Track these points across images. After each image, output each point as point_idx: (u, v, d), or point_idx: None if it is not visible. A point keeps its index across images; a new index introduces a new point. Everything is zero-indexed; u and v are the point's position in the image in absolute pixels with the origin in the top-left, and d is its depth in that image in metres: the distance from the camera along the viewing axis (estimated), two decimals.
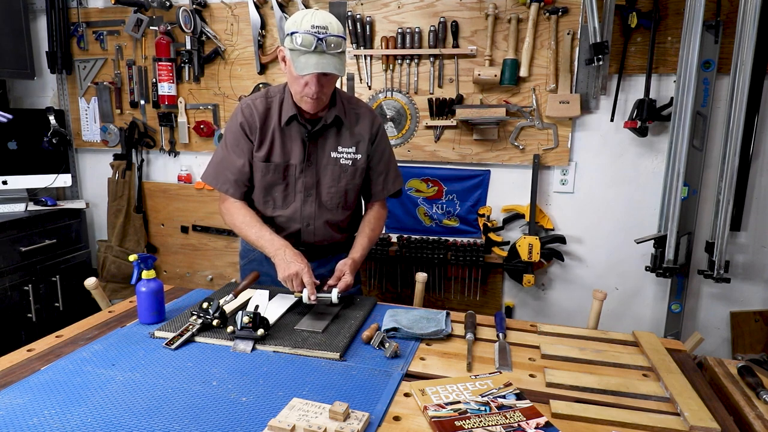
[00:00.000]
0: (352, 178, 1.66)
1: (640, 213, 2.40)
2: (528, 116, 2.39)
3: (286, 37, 1.42)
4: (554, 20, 2.28)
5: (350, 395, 1.07)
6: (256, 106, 1.59)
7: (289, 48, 1.42)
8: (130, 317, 1.48)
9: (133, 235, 2.96)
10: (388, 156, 1.73)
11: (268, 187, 1.64)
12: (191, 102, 2.81)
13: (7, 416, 0.97)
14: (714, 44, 2.11)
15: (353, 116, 1.65)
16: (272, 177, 1.62)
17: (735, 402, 1.12)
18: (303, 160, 1.61)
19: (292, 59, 1.42)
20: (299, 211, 1.66)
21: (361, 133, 1.64)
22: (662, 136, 2.30)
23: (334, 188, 1.65)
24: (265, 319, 1.33)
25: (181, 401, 1.03)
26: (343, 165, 1.64)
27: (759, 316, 2.33)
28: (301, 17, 1.40)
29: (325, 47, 1.38)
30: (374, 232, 1.70)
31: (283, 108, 1.58)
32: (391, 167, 1.74)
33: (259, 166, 1.61)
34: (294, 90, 1.51)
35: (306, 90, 1.46)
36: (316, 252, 1.72)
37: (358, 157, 1.65)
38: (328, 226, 1.70)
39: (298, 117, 1.57)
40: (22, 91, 3.08)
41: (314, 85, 1.44)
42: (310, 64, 1.39)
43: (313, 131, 1.58)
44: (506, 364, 1.22)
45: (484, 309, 2.60)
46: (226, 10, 2.65)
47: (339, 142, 1.62)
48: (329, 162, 1.63)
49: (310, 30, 1.37)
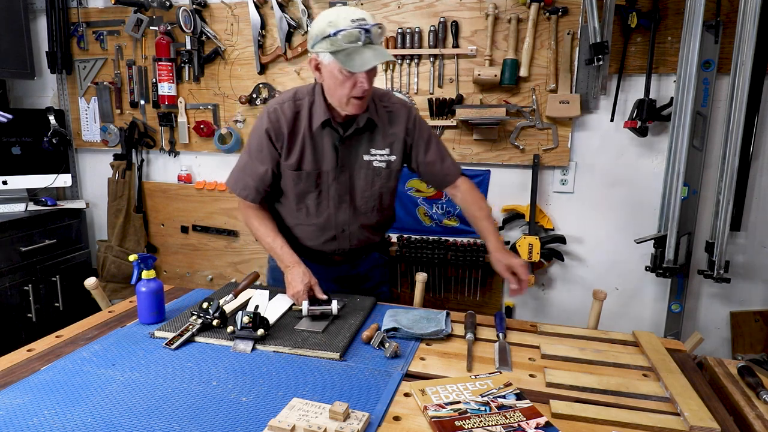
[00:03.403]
0: (387, 180, 1.58)
1: (640, 213, 2.40)
2: (528, 116, 2.39)
3: (322, 41, 1.32)
4: (554, 20, 2.28)
5: (350, 395, 1.07)
6: (283, 110, 1.50)
7: (331, 51, 1.32)
8: (130, 317, 1.48)
9: (133, 235, 2.96)
10: (436, 141, 1.61)
11: (301, 195, 1.57)
12: (191, 102, 2.81)
13: (7, 416, 0.97)
14: (714, 44, 2.11)
15: (385, 115, 1.55)
16: (304, 185, 1.55)
17: (735, 402, 1.12)
18: (335, 167, 1.52)
19: (339, 60, 1.31)
20: (333, 218, 1.59)
21: (395, 132, 1.55)
22: (662, 136, 2.30)
23: (368, 192, 1.58)
24: (265, 319, 1.33)
25: (181, 401, 1.03)
26: (377, 168, 1.56)
27: (759, 316, 2.33)
28: (336, 16, 1.31)
29: (372, 38, 1.31)
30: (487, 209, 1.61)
31: (313, 112, 1.49)
32: (445, 152, 1.62)
33: (290, 174, 1.54)
34: (340, 94, 1.39)
35: (356, 90, 1.36)
36: (351, 255, 1.68)
37: (392, 158, 1.56)
38: (364, 230, 1.64)
39: (331, 122, 1.48)
40: (22, 91, 3.08)
41: (366, 81, 1.35)
42: (367, 59, 1.30)
43: (345, 136, 1.50)
44: (506, 364, 1.22)
45: (484, 309, 2.60)
46: (226, 10, 2.65)
47: (372, 144, 1.54)
48: (362, 166, 1.55)
49: (353, 24, 1.29)
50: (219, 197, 2.85)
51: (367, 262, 1.73)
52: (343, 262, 1.70)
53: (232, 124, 2.77)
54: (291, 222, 1.65)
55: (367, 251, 1.72)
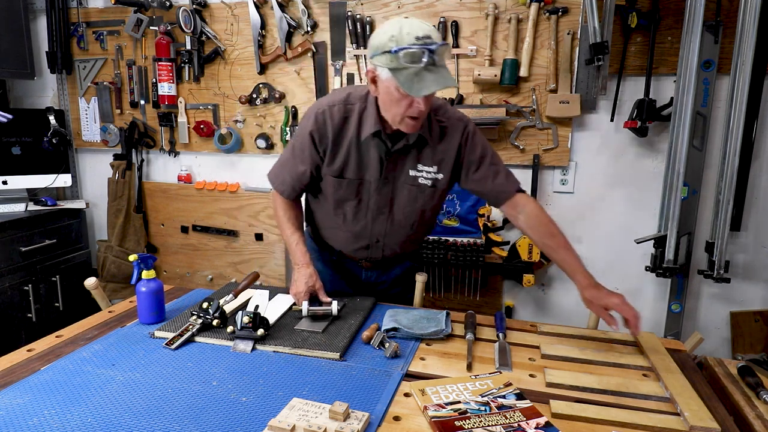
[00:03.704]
0: (430, 198, 1.52)
1: (640, 213, 2.40)
2: (528, 116, 2.39)
3: (382, 56, 1.24)
4: (554, 20, 2.28)
5: (350, 395, 1.07)
6: (332, 114, 1.43)
7: (390, 68, 1.24)
8: (130, 317, 1.48)
9: (133, 235, 2.96)
10: (490, 158, 1.49)
11: (340, 201, 1.53)
12: (191, 102, 2.81)
13: (7, 416, 0.97)
14: (714, 44, 2.11)
15: (438, 130, 1.46)
16: (344, 193, 1.51)
17: (735, 402, 1.12)
18: (379, 178, 1.47)
19: (397, 79, 1.23)
20: (369, 229, 1.56)
21: (447, 150, 1.47)
22: (662, 136, 2.30)
23: (409, 208, 1.52)
24: (265, 319, 1.33)
25: (181, 401, 1.03)
26: (422, 185, 1.49)
27: (759, 316, 2.33)
28: (399, 29, 1.22)
29: (436, 60, 1.22)
30: (560, 230, 1.46)
31: (363, 121, 1.42)
32: (498, 169, 1.50)
33: (331, 180, 1.49)
34: (394, 112, 1.32)
35: (412, 110, 1.29)
36: (381, 263, 1.67)
37: (439, 177, 1.49)
38: (399, 242, 1.60)
39: (382, 134, 1.41)
40: (22, 91, 3.08)
41: (423, 103, 1.27)
42: (426, 83, 1.22)
43: (394, 150, 1.44)
44: (506, 364, 1.22)
45: (484, 309, 2.60)
46: (226, 10, 2.65)
47: (420, 159, 1.47)
48: (407, 180, 1.49)
49: (416, 43, 1.20)
50: (219, 197, 2.85)
51: (396, 269, 1.71)
52: (372, 269, 1.69)
53: (232, 124, 2.77)
54: (326, 224, 1.63)
55: (398, 261, 1.70)
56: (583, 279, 1.35)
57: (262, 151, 2.76)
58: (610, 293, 1.31)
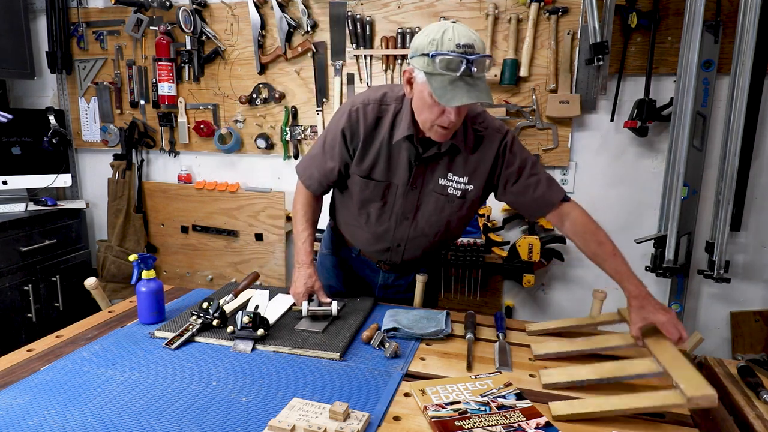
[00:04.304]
0: (458, 209, 1.47)
1: (640, 213, 2.40)
2: (528, 116, 2.39)
3: (420, 58, 1.20)
4: (554, 20, 2.28)
5: (350, 395, 1.07)
6: (366, 113, 1.40)
7: (426, 71, 1.20)
8: (130, 317, 1.48)
9: (133, 235, 2.96)
10: (530, 170, 1.42)
11: (365, 201, 1.50)
12: (191, 102, 2.81)
13: (7, 416, 0.97)
14: (714, 44, 2.11)
15: (474, 139, 1.41)
16: (370, 194, 1.48)
17: (735, 402, 1.13)
18: (406, 183, 1.43)
19: (430, 84, 1.19)
20: (392, 233, 1.53)
21: (481, 160, 1.41)
22: (662, 136, 2.30)
23: (434, 217, 1.48)
24: (265, 319, 1.33)
25: (181, 401, 1.03)
26: (450, 195, 1.44)
27: (759, 316, 2.33)
28: (441, 33, 1.17)
29: (474, 70, 1.17)
30: (609, 245, 1.36)
31: (397, 123, 1.38)
32: (540, 180, 1.42)
33: (357, 180, 1.46)
34: (425, 117, 1.28)
35: (443, 119, 1.25)
36: (400, 267, 1.65)
37: (469, 188, 1.43)
38: (421, 249, 1.57)
39: (414, 138, 1.37)
40: (22, 91, 3.08)
41: (455, 115, 1.23)
42: (459, 94, 1.17)
43: (424, 156, 1.40)
44: (506, 364, 1.22)
45: (484, 309, 2.60)
46: (226, 10, 2.65)
47: (451, 168, 1.42)
48: (435, 188, 1.44)
49: (455, 50, 1.15)
50: (219, 197, 2.85)
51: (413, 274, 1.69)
52: (390, 271, 1.68)
53: (232, 124, 2.77)
54: (350, 221, 1.61)
55: (416, 266, 1.68)
56: (634, 288, 1.26)
57: (262, 151, 2.76)
58: (657, 308, 1.21)
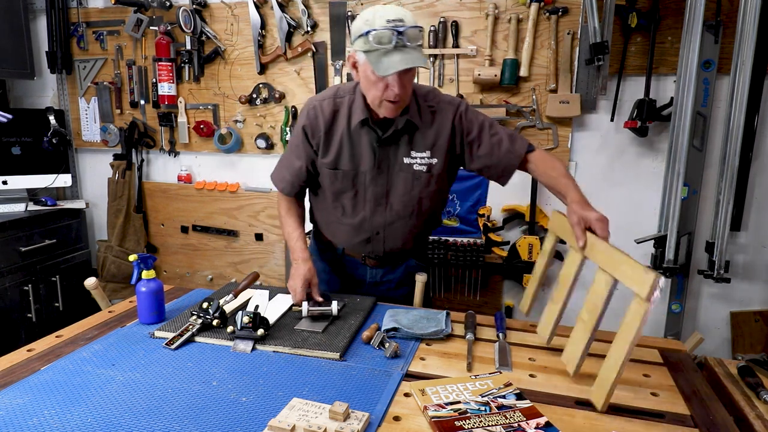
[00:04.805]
0: (426, 185, 1.51)
1: (640, 213, 2.40)
2: (528, 116, 2.39)
3: (358, 40, 1.30)
4: (554, 20, 2.28)
5: (350, 395, 1.06)
6: (322, 108, 1.48)
7: (364, 50, 1.29)
8: (130, 317, 1.48)
9: (133, 235, 2.96)
10: (489, 130, 1.47)
11: (338, 193, 1.55)
12: (191, 102, 2.81)
13: (7, 416, 0.97)
14: (714, 44, 2.11)
15: (429, 115, 1.47)
16: (341, 184, 1.53)
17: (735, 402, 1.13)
18: (373, 167, 1.48)
19: (369, 61, 1.28)
20: (368, 220, 1.55)
21: (439, 133, 1.47)
22: (662, 136, 2.30)
23: (406, 196, 1.52)
24: (265, 319, 1.33)
25: (181, 401, 1.03)
26: (417, 171, 1.49)
27: (759, 316, 2.33)
28: (373, 15, 1.28)
29: (406, 41, 1.25)
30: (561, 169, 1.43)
31: (353, 111, 1.46)
32: (502, 138, 1.47)
33: (327, 173, 1.52)
34: (372, 95, 1.36)
35: (388, 93, 1.32)
36: (384, 260, 1.65)
37: (433, 161, 1.49)
38: (401, 235, 1.59)
39: (369, 121, 1.44)
40: (22, 91, 3.08)
41: (397, 86, 1.30)
42: (394, 62, 1.25)
43: (384, 137, 1.45)
44: (506, 364, 1.22)
45: (484, 309, 2.60)
46: (226, 10, 2.65)
47: (412, 146, 1.48)
48: (402, 169, 1.49)
49: (386, 25, 1.24)
50: (219, 197, 2.85)
51: (401, 269, 1.69)
52: (376, 267, 1.67)
53: (232, 124, 2.77)
54: (328, 219, 1.64)
55: (402, 257, 1.68)
56: (575, 195, 1.32)
57: (262, 151, 2.76)
58: (591, 209, 1.25)
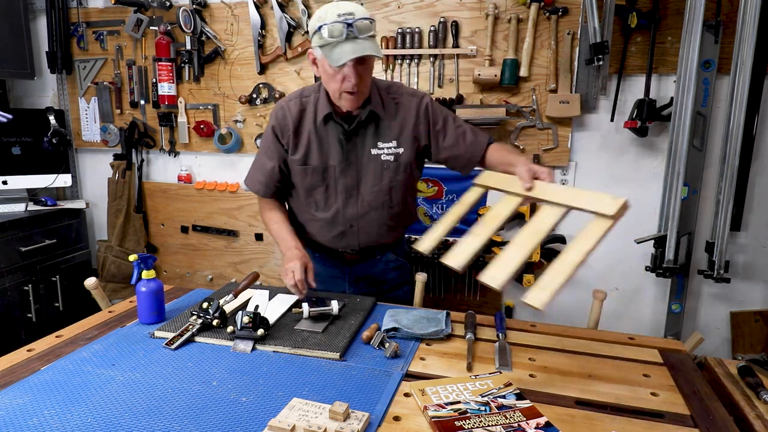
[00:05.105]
0: (395, 174, 1.56)
1: (640, 213, 2.40)
2: (528, 116, 2.39)
3: (314, 35, 1.37)
4: (554, 20, 2.28)
5: (350, 395, 1.06)
6: (289, 108, 1.54)
7: (319, 45, 1.36)
8: (130, 317, 1.48)
9: (133, 235, 2.96)
10: (453, 122, 1.56)
11: (309, 189, 1.59)
12: (191, 102, 2.81)
13: (7, 416, 0.97)
14: (714, 44, 2.11)
15: (392, 107, 1.53)
16: (312, 180, 1.57)
17: (735, 402, 1.12)
18: (342, 161, 1.54)
19: (325, 55, 1.35)
20: (341, 213, 1.59)
21: (403, 123, 1.53)
22: (662, 136, 2.30)
23: (377, 187, 1.56)
24: (265, 319, 1.33)
25: (181, 401, 1.03)
26: (385, 161, 1.54)
27: (759, 316, 2.33)
28: (325, 11, 1.35)
29: (356, 32, 1.32)
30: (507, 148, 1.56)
31: (318, 108, 1.52)
32: (465, 131, 1.56)
33: (297, 169, 1.57)
34: (332, 89, 1.43)
35: (345, 84, 1.38)
36: (364, 254, 1.67)
37: (400, 151, 1.54)
38: (375, 227, 1.62)
39: (334, 115, 1.51)
40: (22, 91, 3.08)
41: (353, 76, 1.36)
42: (345, 52, 1.31)
43: (349, 130, 1.51)
44: (506, 364, 1.22)
45: (484, 309, 2.60)
46: (226, 10, 2.65)
47: (378, 137, 1.53)
48: (370, 160, 1.54)
49: (337, 19, 1.32)
50: (219, 197, 2.85)
51: (381, 263, 1.71)
52: (358, 262, 1.69)
53: (232, 124, 2.77)
54: (302, 218, 1.67)
55: (380, 251, 1.69)
56: (524, 159, 1.41)
57: None
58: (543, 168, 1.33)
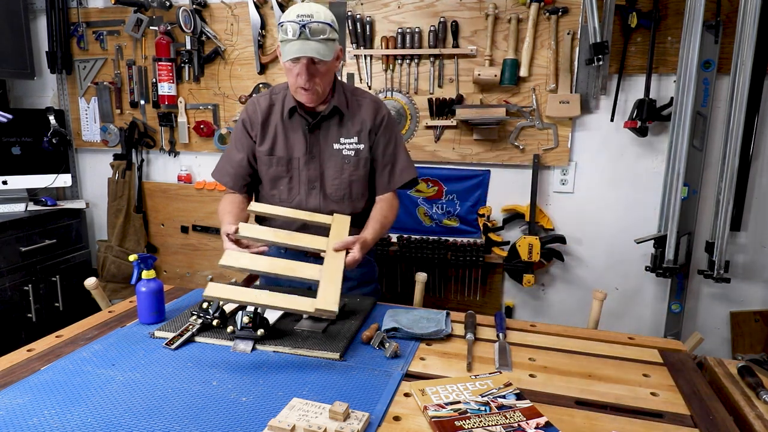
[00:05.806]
0: (355, 169, 1.65)
1: (640, 213, 2.40)
2: (528, 116, 2.39)
3: (278, 34, 1.48)
4: (554, 20, 2.28)
5: (350, 395, 1.06)
6: (259, 102, 1.65)
7: (280, 40, 1.48)
8: (130, 317, 1.48)
9: (133, 235, 2.96)
10: (394, 147, 1.69)
11: (274, 179, 1.67)
12: (191, 102, 2.81)
13: (7, 416, 0.97)
14: (714, 44, 2.11)
15: (356, 106, 1.65)
16: (276, 170, 1.65)
17: (735, 402, 1.12)
18: (306, 153, 1.63)
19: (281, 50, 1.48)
20: (304, 204, 1.66)
21: (363, 121, 1.64)
22: (662, 136, 2.30)
23: (338, 180, 1.65)
24: (265, 319, 1.33)
25: (181, 401, 1.03)
26: (346, 156, 1.64)
27: (759, 316, 2.33)
28: (289, 11, 1.46)
29: (309, 34, 1.42)
30: (386, 219, 1.65)
31: (285, 103, 1.63)
32: (399, 158, 1.70)
33: (264, 159, 1.66)
34: (290, 83, 1.55)
35: (298, 80, 1.48)
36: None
37: (360, 147, 1.64)
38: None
39: (298, 109, 1.60)
40: (22, 91, 3.08)
41: (304, 74, 1.46)
42: (292, 50, 1.43)
43: (313, 123, 1.61)
44: (506, 364, 1.22)
45: (484, 309, 2.60)
46: (226, 10, 2.65)
47: (341, 133, 1.63)
48: (332, 154, 1.64)
49: (294, 19, 1.42)
50: (219, 197, 2.85)
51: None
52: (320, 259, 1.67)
53: (232, 124, 2.77)
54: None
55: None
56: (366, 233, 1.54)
57: None
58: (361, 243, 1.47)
